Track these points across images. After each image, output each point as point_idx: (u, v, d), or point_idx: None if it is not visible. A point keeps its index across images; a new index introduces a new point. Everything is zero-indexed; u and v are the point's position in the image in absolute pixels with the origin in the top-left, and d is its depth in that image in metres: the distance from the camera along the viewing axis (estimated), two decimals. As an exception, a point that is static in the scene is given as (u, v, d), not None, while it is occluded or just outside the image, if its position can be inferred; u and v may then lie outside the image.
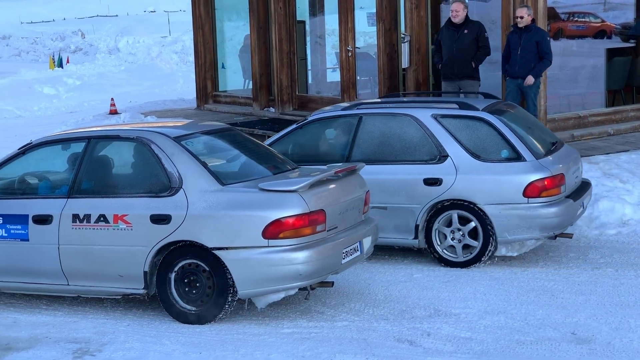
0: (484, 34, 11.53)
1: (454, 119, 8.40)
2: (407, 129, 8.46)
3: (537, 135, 8.74)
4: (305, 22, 16.63)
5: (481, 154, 8.21)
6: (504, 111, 8.69)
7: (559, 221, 8.09)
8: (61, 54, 39.51)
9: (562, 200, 8.14)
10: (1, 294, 7.84)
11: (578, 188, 8.69)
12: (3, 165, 7.64)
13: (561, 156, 8.50)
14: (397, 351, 6.13)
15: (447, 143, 8.29)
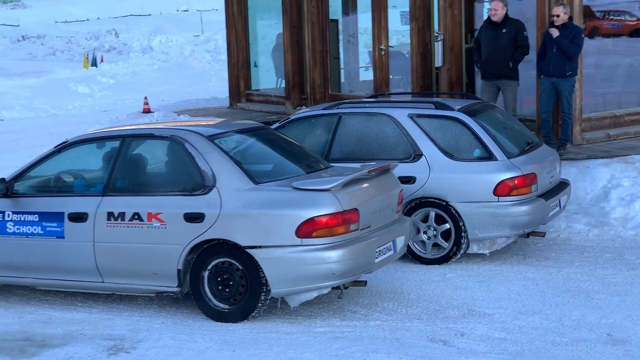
0: (523, 33, 11.42)
1: (429, 118, 8.57)
2: (384, 128, 8.63)
3: (513, 136, 8.91)
4: (338, 20, 16.62)
5: (454, 153, 8.36)
6: (480, 111, 8.83)
7: (529, 220, 8.21)
8: (95, 53, 39.82)
9: (533, 199, 8.25)
10: (36, 291, 7.92)
11: (554, 188, 8.78)
12: (39, 163, 7.71)
13: (535, 156, 8.63)
14: (430, 351, 6.10)
15: (421, 142, 8.45)
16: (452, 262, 8.36)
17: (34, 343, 6.67)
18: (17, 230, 7.46)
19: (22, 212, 7.46)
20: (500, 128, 8.86)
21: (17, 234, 7.46)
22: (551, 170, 8.68)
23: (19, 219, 7.46)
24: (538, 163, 8.49)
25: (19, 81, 29.54)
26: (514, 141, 8.77)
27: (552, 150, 9.25)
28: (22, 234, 7.45)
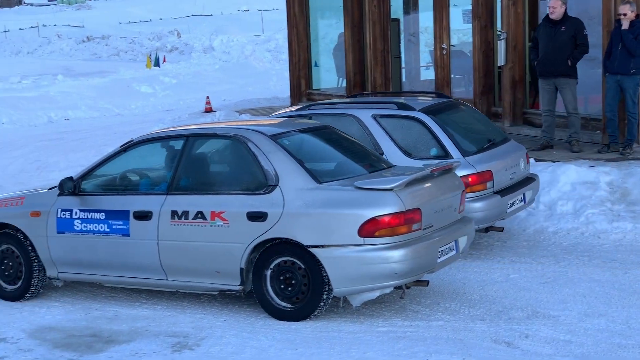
0: (582, 32, 11.27)
1: (391, 118, 8.83)
2: (350, 128, 8.79)
3: (475, 134, 9.12)
4: (399, 20, 16.57)
5: (412, 151, 8.64)
6: (443, 111, 9.04)
7: (484, 215, 8.36)
8: (158, 53, 40.31)
9: (488, 196, 8.44)
10: (103, 287, 8.04)
11: (516, 183, 8.88)
12: (105, 162, 7.82)
13: (493, 154, 8.75)
14: (494, 352, 6.05)
15: (383, 141, 8.74)
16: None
17: (101, 339, 6.78)
18: (84, 228, 7.58)
19: (89, 210, 7.58)
20: (463, 127, 9.06)
21: (84, 231, 7.58)
22: (513, 167, 8.87)
23: (86, 217, 7.58)
24: (495, 160, 8.63)
25: (84, 81, 30.06)
26: (475, 139, 8.94)
27: (519, 147, 9.34)
28: (88, 231, 7.57)
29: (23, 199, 7.97)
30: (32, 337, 6.90)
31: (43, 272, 7.83)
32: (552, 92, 11.51)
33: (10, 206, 7.96)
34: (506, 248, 8.90)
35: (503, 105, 13.35)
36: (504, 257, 8.58)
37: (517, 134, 13.00)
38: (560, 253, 8.60)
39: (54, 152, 17.72)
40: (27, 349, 6.62)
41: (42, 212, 7.75)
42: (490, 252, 8.77)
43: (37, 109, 24.40)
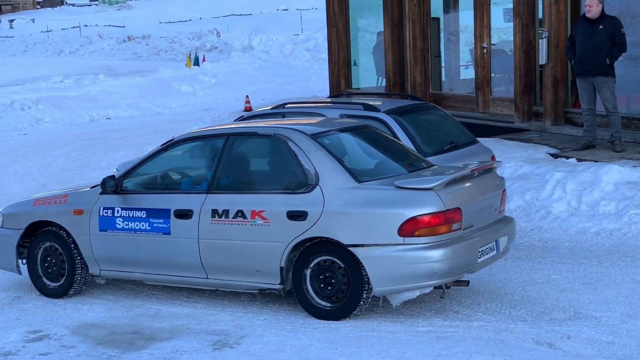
0: (620, 30, 11.13)
1: (357, 118, 8.95)
2: None
3: (440, 136, 9.39)
4: (439, 18, 16.50)
5: None
6: (409, 112, 9.36)
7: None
8: (197, 52, 40.56)
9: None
10: (144, 285, 8.10)
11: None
12: (147, 161, 7.88)
13: (454, 156, 8.85)
14: (535, 354, 6.00)
15: None
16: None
17: (142, 336, 6.84)
18: (125, 226, 7.65)
19: (131, 208, 7.64)
20: (427, 129, 9.36)
21: (125, 229, 7.65)
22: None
23: (128, 215, 7.65)
24: (453, 161, 8.69)
25: (124, 81, 30.33)
26: (437, 141, 9.19)
27: (485, 149, 9.46)
28: (130, 229, 7.63)
29: (66, 197, 8.06)
30: (75, 333, 6.98)
31: (85, 269, 7.92)
32: (591, 91, 11.40)
33: (54, 204, 8.05)
34: (548, 249, 8.83)
35: (544, 104, 13.24)
36: (546, 257, 8.51)
37: (559, 134, 12.91)
38: (602, 254, 8.51)
39: (95, 150, 17.92)
40: (70, 346, 6.70)
41: (84, 210, 7.83)
42: (531, 252, 8.70)
43: (79, 108, 24.67)
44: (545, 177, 10.42)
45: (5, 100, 23.83)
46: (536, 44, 13.30)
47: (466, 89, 15.99)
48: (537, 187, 10.32)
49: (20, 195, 12.61)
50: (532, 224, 9.72)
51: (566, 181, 10.10)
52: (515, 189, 10.41)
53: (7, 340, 6.89)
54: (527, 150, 11.83)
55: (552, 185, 10.17)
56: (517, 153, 11.67)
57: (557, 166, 10.73)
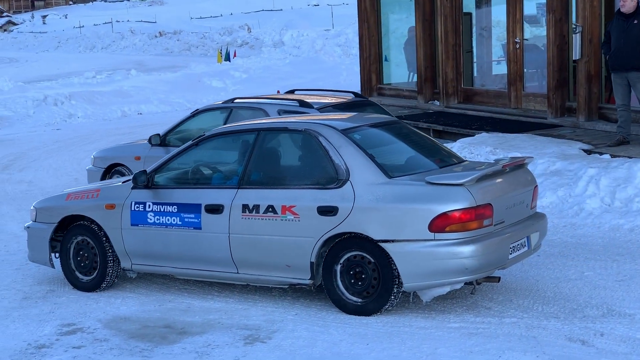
0: None
1: (292, 113, 9.74)
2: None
3: None
4: (471, 14, 16.41)
5: None
6: (341, 109, 10.06)
7: None
8: (228, 48, 40.65)
9: None
10: (176, 280, 8.14)
11: None
12: (178, 155, 7.91)
13: None
14: (568, 351, 5.96)
15: None
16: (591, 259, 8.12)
17: (174, 330, 6.87)
18: (157, 220, 7.69)
19: (162, 203, 7.68)
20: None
21: (157, 224, 7.69)
22: None
23: (159, 209, 7.68)
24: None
25: (156, 76, 30.49)
26: None
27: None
28: (161, 224, 7.67)
29: (98, 192, 8.12)
30: (107, 327, 7.04)
31: (117, 262, 7.97)
32: (626, 87, 11.28)
33: (86, 198, 8.11)
34: (581, 245, 8.75)
35: (578, 100, 13.12)
36: (579, 254, 8.43)
37: (592, 130, 12.79)
38: (636, 250, 8.42)
39: (127, 145, 17.98)
40: (103, 339, 6.75)
41: (116, 205, 7.88)
42: (564, 249, 8.62)
43: (111, 103, 24.84)
44: (579, 173, 10.33)
45: (38, 96, 24.05)
46: (569, 39, 13.18)
47: (498, 85, 15.90)
48: (570, 183, 10.24)
49: (53, 189, 12.75)
50: (565, 221, 9.65)
51: (600, 177, 10.01)
52: (548, 185, 10.33)
53: (41, 333, 6.96)
54: (560, 146, 11.74)
55: (585, 181, 10.08)
56: (550, 149, 11.58)
57: (591, 162, 10.64)
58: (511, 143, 12.13)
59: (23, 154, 17.64)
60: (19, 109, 23.18)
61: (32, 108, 23.32)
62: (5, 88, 27.70)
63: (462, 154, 11.44)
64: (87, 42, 57.17)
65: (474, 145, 12.14)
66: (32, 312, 7.52)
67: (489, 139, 12.55)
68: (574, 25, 12.89)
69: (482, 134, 13.03)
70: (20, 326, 7.15)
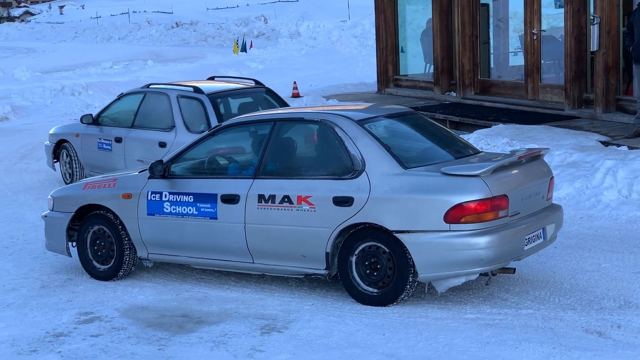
0: None
1: (186, 98, 11.19)
2: (162, 104, 11.39)
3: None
4: (488, 4, 16.35)
5: (190, 126, 10.96)
6: (229, 96, 11.34)
7: None
8: (245, 38, 40.68)
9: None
10: (193, 269, 8.17)
11: None
12: (194, 146, 7.92)
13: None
14: (585, 342, 5.95)
15: (177, 117, 11.19)
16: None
17: (191, 319, 6.90)
18: (173, 210, 7.71)
19: (178, 192, 7.70)
20: (242, 110, 11.14)
21: (173, 214, 7.71)
22: None
23: (175, 199, 7.71)
24: None
25: (172, 66, 30.55)
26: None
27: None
28: (177, 214, 7.69)
29: (115, 181, 8.15)
30: (125, 316, 7.07)
31: (134, 251, 8.01)
32: (648, 78, 11.21)
33: (103, 188, 8.15)
34: (598, 237, 8.72)
35: (595, 91, 13.07)
36: (596, 246, 8.41)
37: (609, 121, 12.74)
38: (653, 243, 8.38)
39: (144, 136, 18.04)
40: (121, 328, 6.79)
41: (133, 194, 7.91)
42: (581, 240, 8.60)
43: (128, 93, 24.87)
44: (596, 165, 10.30)
45: (55, 86, 24.14)
46: (587, 30, 13.11)
47: (515, 76, 15.85)
48: (587, 175, 10.20)
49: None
50: (582, 212, 9.62)
51: (617, 169, 9.97)
52: (565, 176, 10.30)
53: (59, 321, 7.00)
54: (577, 138, 11.70)
55: (602, 173, 10.04)
56: (567, 141, 11.54)
57: (608, 154, 10.59)
58: (528, 134, 12.10)
59: (41, 143, 17.71)
60: (36, 99, 23.28)
61: (49, 98, 23.42)
62: (23, 78, 27.83)
63: (479, 146, 11.42)
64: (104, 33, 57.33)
65: (490, 137, 12.12)
66: (50, 300, 7.57)
67: (506, 131, 12.52)
68: (592, 16, 12.82)
69: (498, 126, 13.00)
70: (39, 314, 7.20)
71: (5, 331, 6.83)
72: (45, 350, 6.39)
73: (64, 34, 61.87)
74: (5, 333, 6.79)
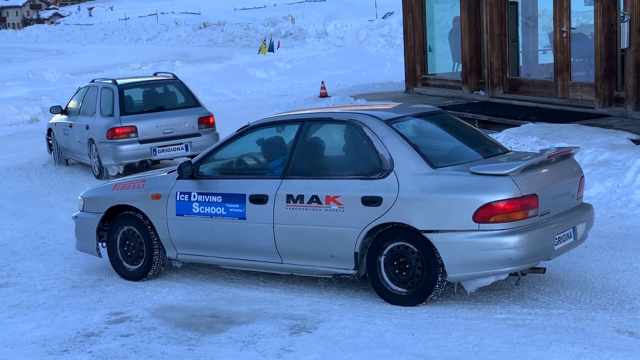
0: None
1: (105, 89, 13.96)
2: (93, 94, 14.20)
3: (143, 104, 14.19)
4: (517, 3, 16.25)
5: (103, 111, 13.80)
6: (135, 86, 14.23)
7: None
8: (272, 38, 40.75)
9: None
10: (221, 270, 8.20)
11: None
12: (223, 146, 7.94)
13: (147, 116, 14.07)
14: (617, 342, 5.89)
15: (97, 104, 13.96)
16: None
17: (221, 320, 6.92)
18: (202, 210, 7.73)
19: (207, 193, 7.72)
20: (151, 101, 14.20)
21: (202, 214, 7.73)
22: (167, 127, 13.36)
23: (204, 199, 7.73)
24: (143, 120, 13.70)
25: (200, 67, 30.69)
26: (140, 107, 14.04)
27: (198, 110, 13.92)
28: (206, 214, 7.71)
29: (144, 182, 8.19)
30: (155, 316, 7.11)
31: (163, 252, 8.04)
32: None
33: (132, 189, 8.19)
34: (629, 236, 8.64)
35: (626, 89, 12.94)
36: (627, 245, 8.33)
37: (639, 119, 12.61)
38: (685, 242, 8.28)
39: (172, 136, 18.09)
40: (151, 328, 6.83)
41: (162, 195, 7.94)
42: (612, 240, 8.52)
43: (157, 94, 24.99)
44: (627, 163, 10.20)
45: (85, 87, 24.28)
46: (618, 27, 12.99)
47: (544, 74, 15.74)
48: (618, 173, 10.11)
49: (100, 180, 12.91)
50: (613, 212, 9.53)
51: (648, 168, 9.87)
52: (596, 175, 10.21)
53: (89, 321, 7.05)
54: (608, 136, 11.59)
55: (634, 172, 9.95)
56: (598, 139, 11.44)
57: (639, 152, 10.48)
58: (558, 133, 12.01)
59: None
60: (66, 100, 23.46)
61: (79, 99, 23.57)
62: (53, 80, 28.04)
63: (508, 145, 11.35)
64: (133, 34, 57.66)
65: (519, 136, 12.04)
66: (81, 300, 7.63)
67: (535, 129, 12.44)
68: (622, 13, 12.70)
69: (528, 124, 12.92)
70: (70, 314, 7.26)
71: (37, 331, 6.89)
72: (76, 350, 6.43)
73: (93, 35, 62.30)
74: (37, 333, 6.85)
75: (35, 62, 46.75)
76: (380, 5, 53.41)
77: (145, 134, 13.49)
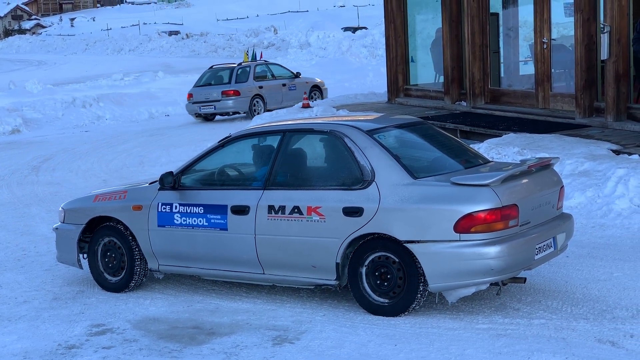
0: None
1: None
2: None
3: None
4: (498, 14, 16.35)
5: None
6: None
7: None
8: (255, 49, 40.76)
9: None
10: (204, 280, 8.18)
11: None
12: (204, 157, 7.93)
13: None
14: (598, 352, 5.91)
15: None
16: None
17: (203, 331, 6.90)
18: (183, 221, 7.72)
19: (188, 204, 7.71)
20: None
21: (183, 225, 7.72)
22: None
23: (186, 210, 7.72)
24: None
25: (183, 78, 30.68)
26: None
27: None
28: (188, 225, 7.70)
29: (125, 193, 8.17)
30: (137, 327, 7.08)
31: (145, 262, 8.02)
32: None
33: (114, 200, 8.17)
34: (610, 246, 8.69)
35: (606, 100, 13.03)
36: (607, 255, 8.37)
37: (621, 130, 12.71)
38: (666, 252, 8.33)
39: (155, 147, 18.15)
40: (133, 339, 6.80)
41: (143, 206, 7.92)
42: (593, 249, 8.56)
43: (139, 105, 25.00)
44: (607, 173, 10.26)
45: (67, 98, 24.27)
46: (598, 38, 13.09)
47: (525, 85, 15.83)
48: (598, 183, 10.17)
49: (82, 191, 12.86)
50: (594, 221, 9.58)
51: (629, 178, 9.94)
52: (577, 185, 10.27)
53: (71, 333, 7.02)
54: (589, 147, 11.66)
55: (614, 182, 10.01)
56: (578, 149, 11.51)
57: (619, 163, 10.56)
58: (539, 144, 12.08)
59: (52, 155, 17.80)
60: (48, 111, 23.42)
61: (60, 110, 23.53)
62: (35, 90, 27.94)
63: (490, 155, 11.40)
64: (115, 45, 57.56)
65: (501, 146, 12.10)
66: (62, 312, 7.59)
67: (517, 140, 12.50)
68: (602, 24, 12.80)
69: (509, 135, 12.99)
70: (51, 327, 7.22)
71: (17, 343, 6.85)
72: (57, 363, 6.40)
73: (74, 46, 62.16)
74: (17, 345, 6.81)
75: (16, 72, 46.57)
76: (363, 16, 53.60)
77: None
